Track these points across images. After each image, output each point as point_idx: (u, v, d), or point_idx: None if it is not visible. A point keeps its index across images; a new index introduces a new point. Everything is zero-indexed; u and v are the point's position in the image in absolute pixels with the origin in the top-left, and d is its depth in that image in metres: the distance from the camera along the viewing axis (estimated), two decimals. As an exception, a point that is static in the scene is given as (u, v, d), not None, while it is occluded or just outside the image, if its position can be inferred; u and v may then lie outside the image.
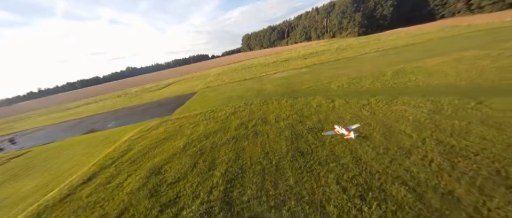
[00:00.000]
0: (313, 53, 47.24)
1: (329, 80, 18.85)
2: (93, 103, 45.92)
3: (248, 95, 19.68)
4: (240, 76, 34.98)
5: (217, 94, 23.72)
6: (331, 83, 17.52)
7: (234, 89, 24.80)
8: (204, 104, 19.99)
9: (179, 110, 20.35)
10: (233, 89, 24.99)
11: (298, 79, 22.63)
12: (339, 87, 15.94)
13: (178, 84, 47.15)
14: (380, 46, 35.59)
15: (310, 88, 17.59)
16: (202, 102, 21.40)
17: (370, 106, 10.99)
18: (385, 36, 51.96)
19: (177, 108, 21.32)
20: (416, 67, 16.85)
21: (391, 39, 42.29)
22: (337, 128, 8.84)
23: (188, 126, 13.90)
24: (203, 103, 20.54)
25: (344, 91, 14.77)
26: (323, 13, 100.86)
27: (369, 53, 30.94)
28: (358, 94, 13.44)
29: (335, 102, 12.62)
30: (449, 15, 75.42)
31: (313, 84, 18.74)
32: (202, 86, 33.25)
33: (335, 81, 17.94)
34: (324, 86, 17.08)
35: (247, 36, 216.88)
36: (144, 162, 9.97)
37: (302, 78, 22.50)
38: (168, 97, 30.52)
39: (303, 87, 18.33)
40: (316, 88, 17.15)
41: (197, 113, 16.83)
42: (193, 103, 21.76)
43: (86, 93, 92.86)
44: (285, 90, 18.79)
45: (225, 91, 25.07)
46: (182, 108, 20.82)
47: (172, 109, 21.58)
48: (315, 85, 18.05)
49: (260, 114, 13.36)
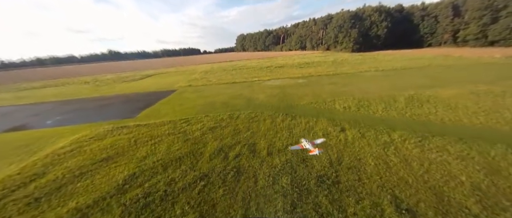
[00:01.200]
0: (309, 63, 45.24)
1: (331, 97, 16.15)
2: (52, 86, 38.95)
3: (236, 104, 16.24)
4: (229, 78, 31.36)
5: (199, 97, 19.91)
6: (335, 102, 14.77)
7: (220, 93, 21.17)
8: (178, 109, 16.11)
9: (146, 112, 16.23)
10: (218, 93, 21.34)
11: (295, 91, 19.72)
12: (346, 110, 13.19)
13: (158, 77, 42.04)
14: (377, 65, 34.36)
15: (310, 105, 14.66)
16: (178, 105, 17.47)
17: (396, 147, 8.19)
18: (381, 56, 51.93)
19: (145, 109, 17.15)
20: (431, 97, 14.76)
21: (387, 60, 41.71)
22: (303, 142, 8.29)
23: (145, 142, 10.05)
24: (178, 108, 16.64)
25: (353, 116, 12.01)
26: (320, 24, 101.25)
27: (369, 71, 29.26)
28: (372, 123, 10.71)
29: (346, 132, 9.70)
30: (436, 45, 79.35)
31: (313, 100, 15.86)
32: (184, 83, 29.04)
33: (339, 100, 15.25)
34: (327, 105, 14.25)
35: (242, 36, 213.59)
36: (44, 212, 5.99)
37: (299, 91, 19.62)
38: (141, 92, 25.85)
39: (301, 103, 15.36)
40: (317, 106, 14.25)
41: (165, 121, 12.96)
42: (166, 106, 17.72)
43: (53, 73, 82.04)
44: (279, 103, 15.67)
45: (209, 94, 21.32)
46: (150, 110, 16.70)
47: (138, 109, 17.34)
48: (316, 102, 15.17)
49: (248, 135, 9.99)
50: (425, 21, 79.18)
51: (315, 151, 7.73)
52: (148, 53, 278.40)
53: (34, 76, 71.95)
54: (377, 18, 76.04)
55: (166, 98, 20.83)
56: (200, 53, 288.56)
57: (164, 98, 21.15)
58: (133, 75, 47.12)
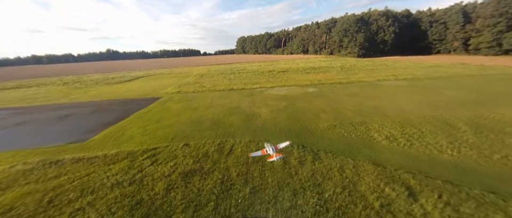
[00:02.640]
0: (315, 68, 41.24)
1: (359, 117, 11.98)
2: (25, 87, 34.46)
3: (230, 124, 12.00)
4: (226, 83, 27.16)
5: (185, 109, 15.62)
6: (368, 126, 10.58)
7: (212, 104, 16.92)
8: (151, 129, 11.82)
9: (107, 131, 11.92)
10: (210, 104, 17.09)
11: (307, 104, 15.52)
12: (391, 142, 8.98)
13: (148, 79, 37.75)
14: (395, 73, 30.36)
15: (334, 130, 10.45)
16: (154, 122, 13.17)
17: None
18: (391, 62, 48.12)
19: (109, 126, 12.83)
20: (501, 122, 10.62)
21: (402, 67, 37.79)
22: (266, 147, 7.62)
23: (65, 205, 5.74)
24: (152, 126, 12.35)
25: (408, 156, 7.80)
26: (323, 28, 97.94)
27: (388, 79, 25.20)
28: (450, 174, 6.49)
29: (420, 200, 5.47)
30: (445, 52, 76.04)
31: (335, 120, 11.69)
32: (173, 89, 24.78)
33: (372, 122, 11.07)
34: (360, 133, 10.04)
35: (242, 38, 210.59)
36: None
37: (312, 104, 15.42)
38: (118, 99, 21.54)
39: (321, 125, 11.16)
40: (346, 133, 10.04)
41: (122, 153, 8.67)
42: (138, 122, 13.39)
43: (38, 72, 77.49)
44: (290, 125, 11.47)
45: (198, 104, 17.05)
46: (114, 128, 12.38)
47: (100, 125, 13.02)
48: (341, 124, 10.99)
49: (243, 196, 5.73)
50: (434, 27, 75.94)
51: (274, 157, 7.18)
52: (147, 53, 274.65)
53: (18, 74, 67.38)
54: (384, 22, 72.73)
55: (144, 109, 16.53)
56: (200, 54, 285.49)
57: (142, 108, 16.86)
58: (121, 76, 42.80)
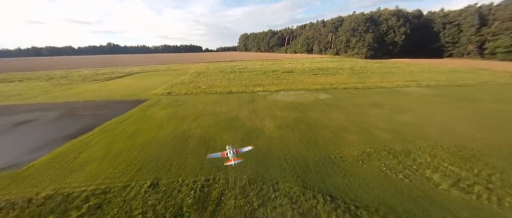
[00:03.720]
0: (323, 69, 37.96)
1: (399, 142, 8.86)
2: (6, 82, 31.57)
3: (225, 141, 8.95)
4: (224, 84, 24.05)
5: (168, 120, 12.54)
6: (417, 160, 7.48)
7: (204, 112, 13.82)
8: (114, 152, 8.75)
9: (58, 151, 8.90)
10: (202, 111, 13.99)
11: (323, 117, 12.38)
12: (465, 193, 5.87)
13: (141, 76, 34.70)
14: (413, 78, 27.06)
15: (369, 164, 7.33)
16: (125, 138, 10.12)
17: None
18: (404, 65, 44.66)
19: (66, 142, 9.83)
20: None
21: (418, 71, 34.43)
22: (227, 149, 6.79)
23: None
24: (118, 146, 9.28)
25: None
26: (330, 27, 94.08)
27: (409, 86, 21.95)
28: None
29: None
30: (458, 55, 72.20)
31: (366, 146, 8.58)
32: (164, 89, 21.71)
33: (421, 152, 7.97)
34: (410, 172, 6.90)
35: (245, 36, 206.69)
36: None
37: (329, 118, 12.29)
38: (97, 100, 18.53)
39: (347, 153, 8.06)
40: (389, 172, 6.90)
41: (52, 202, 5.69)
42: (103, 138, 10.32)
43: (29, 65, 74.71)
44: (305, 151, 8.38)
45: (187, 113, 13.95)
46: (69, 147, 9.34)
47: (55, 141, 10.03)
48: (376, 154, 7.90)
49: None
50: (447, 29, 72.07)
51: (232, 161, 6.51)
52: (148, 48, 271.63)
53: (10, 66, 64.63)
54: (395, 22, 68.91)
55: (122, 116, 13.49)
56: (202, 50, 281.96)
57: (120, 114, 13.83)
58: (113, 72, 39.75)
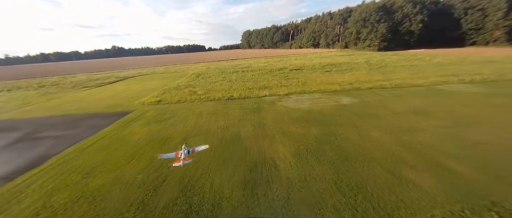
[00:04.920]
0: (335, 64, 33.93)
1: (502, 188, 5.32)
2: (0, 91, 29.66)
3: (217, 188, 5.61)
4: (224, 88, 20.76)
5: (145, 145, 9.31)
6: None
7: (195, 130, 10.54)
8: (48, 215, 5.68)
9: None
10: (193, 129, 10.72)
11: (356, 134, 8.73)
12: None
13: (135, 81, 31.99)
14: (449, 72, 22.71)
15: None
16: (72, 184, 6.92)
17: None
18: (428, 57, 39.75)
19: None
20: None
21: (449, 63, 29.79)
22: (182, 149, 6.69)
23: None
24: (56, 201, 6.00)
25: None
26: (337, 19, 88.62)
27: (450, 83, 17.82)
28: None
29: None
30: (483, 43, 65.46)
31: (453, 198, 4.96)
32: (154, 97, 18.68)
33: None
34: None
35: (248, 32, 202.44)
36: None
37: (366, 135, 8.66)
38: (75, 114, 15.71)
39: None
40: None
41: None
42: (46, 180, 7.17)
43: (41, 70, 74.25)
44: (349, 207, 4.95)
45: (173, 131, 10.68)
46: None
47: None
48: None
49: None
50: (470, 14, 65.50)
51: (180, 162, 6.28)
52: (152, 49, 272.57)
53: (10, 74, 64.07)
54: (410, 10, 63.12)
55: (89, 139, 10.45)
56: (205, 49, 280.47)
57: (90, 135, 10.83)
58: (108, 77, 37.35)
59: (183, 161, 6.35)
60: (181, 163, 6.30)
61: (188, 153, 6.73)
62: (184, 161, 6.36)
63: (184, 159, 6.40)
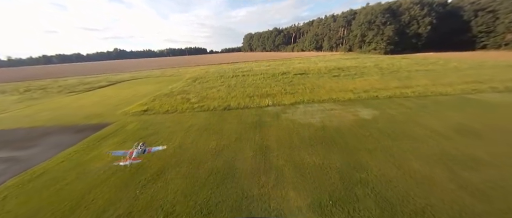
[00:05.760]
0: (342, 69, 31.55)
1: None
2: (-21, 95, 27.64)
3: None
4: (222, 95, 18.46)
5: (105, 181, 6.83)
6: None
7: (178, 155, 8.12)
8: None
9: None
10: (176, 153, 8.30)
11: (396, 169, 6.22)
12: None
13: (126, 85, 29.85)
14: (474, 78, 20.21)
15: None
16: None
17: None
18: (441, 60, 37.28)
19: None
20: None
21: (467, 68, 27.29)
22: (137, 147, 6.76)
23: None
24: None
25: None
26: (341, 21, 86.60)
27: (482, 91, 15.33)
28: None
29: None
30: (494, 47, 62.75)
31: None
32: (141, 105, 16.40)
33: None
34: None
35: (249, 35, 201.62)
36: None
37: (412, 172, 6.21)
38: (39, 127, 13.42)
39: None
40: None
41: None
42: None
43: (38, 72, 72.87)
44: None
45: (151, 155, 8.37)
46: None
47: None
48: None
49: None
50: (480, 16, 63.04)
51: (127, 161, 6.05)
52: (154, 52, 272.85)
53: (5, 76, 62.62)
54: (418, 12, 60.83)
55: (36, 168, 8.14)
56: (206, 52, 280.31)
57: (43, 160, 8.51)
58: (99, 80, 35.33)
59: (131, 160, 5.94)
60: (128, 162, 5.96)
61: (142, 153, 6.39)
62: (133, 160, 5.96)
63: (133, 158, 6.01)
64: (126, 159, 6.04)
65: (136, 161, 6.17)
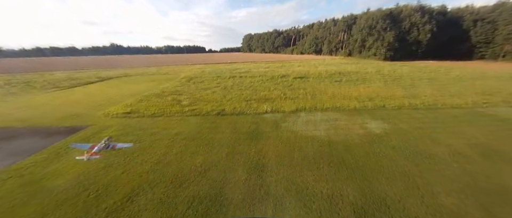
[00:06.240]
0: (343, 73, 30.55)
1: None
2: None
3: None
4: (217, 97, 17.09)
5: (55, 207, 5.57)
6: None
7: (156, 174, 6.71)
8: None
9: None
10: (155, 170, 6.89)
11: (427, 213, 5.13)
12: None
13: (114, 82, 28.19)
14: (480, 89, 19.38)
15: None
16: None
17: None
18: (442, 69, 36.73)
19: None
20: None
21: (470, 78, 26.59)
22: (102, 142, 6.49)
23: None
24: None
25: None
26: (341, 26, 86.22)
27: (496, 105, 14.39)
28: None
29: None
30: (492, 57, 62.87)
31: None
32: (126, 106, 14.89)
33: None
34: None
35: (249, 36, 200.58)
36: None
37: (441, 207, 4.99)
38: (7, 128, 11.85)
39: None
40: None
41: None
42: None
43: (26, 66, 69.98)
44: None
45: (123, 172, 6.91)
46: None
47: None
48: None
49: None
50: (479, 26, 63.31)
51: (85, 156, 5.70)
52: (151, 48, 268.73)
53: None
54: (418, 19, 60.62)
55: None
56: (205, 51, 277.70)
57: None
58: (88, 76, 33.46)
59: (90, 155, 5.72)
60: (84, 156, 5.72)
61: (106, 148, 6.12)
62: (91, 155, 5.73)
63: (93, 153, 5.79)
64: (84, 154, 5.68)
65: (94, 156, 5.90)
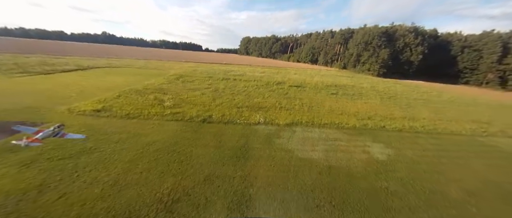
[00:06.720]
0: (340, 86, 29.98)
1: None
2: None
3: None
4: (206, 100, 15.46)
5: None
6: None
7: (109, 201, 5.06)
8: None
9: None
10: (107, 196, 5.20)
11: None
12: None
13: (95, 72, 25.72)
14: (477, 116, 19.26)
15: None
16: None
17: None
18: (434, 91, 37.38)
19: None
20: None
21: (464, 103, 26.86)
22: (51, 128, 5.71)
23: None
24: None
25: None
26: (338, 38, 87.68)
27: (495, 135, 13.92)
28: None
29: None
30: (476, 83, 65.98)
31: None
32: (98, 102, 12.89)
33: None
34: None
35: (247, 39, 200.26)
36: None
37: None
38: None
39: None
40: None
41: None
42: None
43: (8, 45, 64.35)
44: None
45: (61, 195, 5.16)
46: None
47: None
48: None
49: None
50: (466, 53, 66.50)
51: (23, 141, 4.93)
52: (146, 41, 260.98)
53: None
54: (412, 40, 62.64)
55: None
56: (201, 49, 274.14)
57: None
58: (66, 63, 30.52)
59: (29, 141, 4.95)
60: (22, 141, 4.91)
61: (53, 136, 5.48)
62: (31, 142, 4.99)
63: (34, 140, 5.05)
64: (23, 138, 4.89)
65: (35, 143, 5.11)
